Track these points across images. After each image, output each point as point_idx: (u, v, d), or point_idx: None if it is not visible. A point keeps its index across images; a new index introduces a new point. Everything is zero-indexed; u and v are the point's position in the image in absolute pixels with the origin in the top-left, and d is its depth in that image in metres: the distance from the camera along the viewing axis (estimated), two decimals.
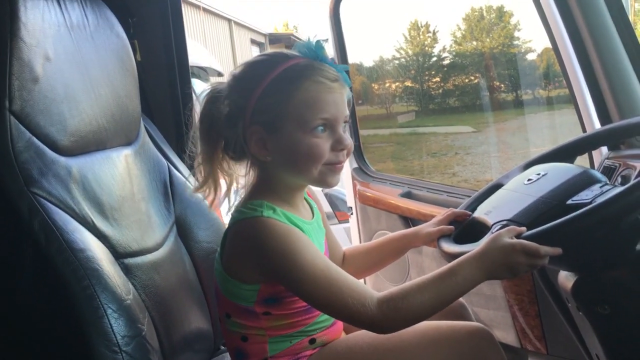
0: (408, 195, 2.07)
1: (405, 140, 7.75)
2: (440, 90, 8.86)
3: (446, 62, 8.98)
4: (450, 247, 1.17)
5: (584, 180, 1.07)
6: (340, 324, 1.20)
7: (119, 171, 1.21)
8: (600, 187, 1.04)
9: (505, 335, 1.81)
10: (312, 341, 1.13)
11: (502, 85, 9.16)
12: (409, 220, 2.04)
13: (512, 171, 1.34)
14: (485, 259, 1.00)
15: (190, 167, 1.33)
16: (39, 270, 0.93)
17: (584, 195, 1.02)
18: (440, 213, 1.32)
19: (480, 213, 1.21)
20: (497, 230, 1.10)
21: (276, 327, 1.10)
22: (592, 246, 1.00)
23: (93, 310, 0.92)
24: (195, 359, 1.29)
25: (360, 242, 2.27)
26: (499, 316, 1.82)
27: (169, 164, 1.43)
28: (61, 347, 0.93)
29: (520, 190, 1.16)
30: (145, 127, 1.43)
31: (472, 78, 8.78)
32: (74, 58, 1.13)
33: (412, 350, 1.09)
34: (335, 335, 1.18)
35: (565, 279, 1.16)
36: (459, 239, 1.22)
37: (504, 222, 1.10)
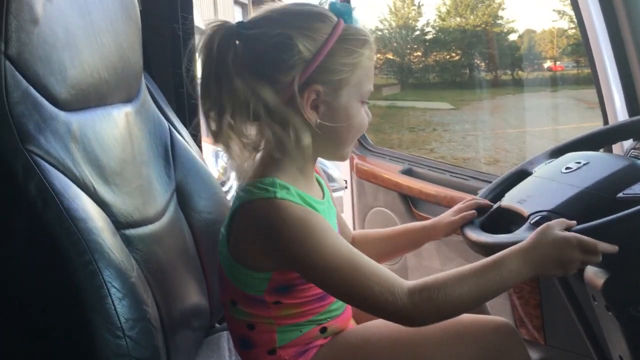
0: (409, 172, 1.98)
1: (384, 113, 7.69)
2: (421, 65, 8.79)
3: (429, 36, 8.90)
4: (480, 236, 1.08)
5: (635, 173, 0.99)
6: (349, 311, 1.11)
7: (120, 131, 1.08)
8: None
9: None
10: (323, 330, 1.04)
11: (482, 64, 9.13)
12: (408, 199, 1.96)
13: (538, 157, 1.26)
14: (535, 253, 0.91)
15: None
16: (35, 242, 0.81)
17: (638, 189, 0.95)
18: (462, 201, 1.24)
19: (510, 201, 1.13)
20: (536, 220, 1.02)
21: (286, 316, 1.00)
22: None
23: (95, 289, 0.81)
24: (193, 337, 1.19)
25: (353, 217, 2.19)
26: (498, 303, 1.77)
27: (170, 126, 1.31)
28: (58, 330, 0.82)
29: (559, 179, 1.08)
30: (146, 84, 1.30)
31: (454, 55, 8.74)
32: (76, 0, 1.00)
33: (433, 344, 1.02)
34: (346, 323, 1.09)
35: (595, 275, 1.09)
36: (486, 228, 1.14)
37: (545, 214, 1.02)
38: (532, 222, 1.01)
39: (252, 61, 0.95)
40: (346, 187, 2.21)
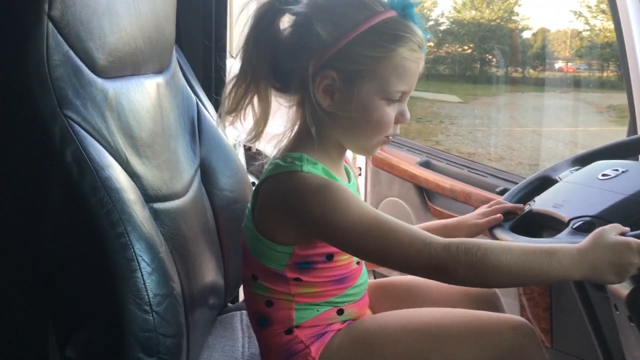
0: (426, 164, 1.97)
1: None
2: (432, 56, 8.72)
3: (442, 27, 8.83)
4: (517, 240, 1.06)
5: None
6: (366, 299, 1.10)
7: (151, 102, 1.06)
8: None
9: None
10: (340, 312, 1.04)
11: (494, 60, 9.08)
12: (423, 191, 1.95)
13: (561, 164, 1.25)
14: (592, 255, 0.88)
15: None
16: (68, 211, 0.80)
17: None
18: (487, 203, 1.22)
19: (544, 206, 1.12)
20: (578, 225, 1.01)
21: (304, 294, 1.00)
22: None
23: (126, 262, 0.80)
24: (208, 315, 1.19)
25: None
26: (507, 303, 1.76)
27: (197, 100, 1.29)
28: (87, 302, 0.80)
29: (597, 185, 1.07)
30: (176, 56, 1.28)
31: (466, 48, 8.68)
32: None
33: (450, 338, 1.01)
34: (363, 309, 1.09)
35: (620, 285, 1.08)
36: (517, 232, 1.12)
37: (587, 219, 1.01)
38: (574, 227, 1.00)
39: (287, 36, 0.97)
40: (360, 174, 2.20)
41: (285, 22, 0.98)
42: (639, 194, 0.99)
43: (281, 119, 1.02)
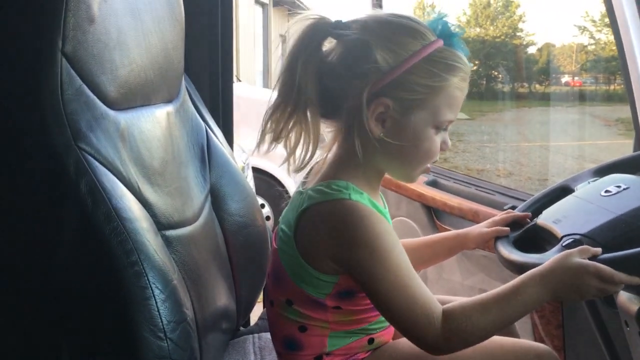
0: (433, 184, 1.98)
1: None
2: None
3: None
4: (511, 254, 1.08)
5: None
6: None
7: (162, 131, 1.09)
8: None
9: None
10: (371, 341, 1.04)
11: (500, 76, 9.11)
12: (431, 210, 1.96)
13: (582, 175, 1.26)
14: (553, 278, 0.92)
15: None
16: (82, 240, 0.82)
17: None
18: (498, 214, 1.24)
19: (547, 220, 1.13)
20: (567, 243, 1.02)
21: (341, 322, 1.00)
22: None
23: (140, 290, 0.81)
24: (221, 340, 1.20)
25: None
26: (519, 321, 1.76)
27: (206, 126, 1.32)
28: (102, 330, 0.82)
29: (597, 202, 1.08)
30: (184, 84, 1.31)
31: (471, 65, 8.71)
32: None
33: None
34: (389, 337, 1.10)
35: (629, 301, 1.08)
36: (519, 245, 1.14)
37: (577, 237, 1.02)
38: (563, 244, 1.01)
39: (335, 61, 0.96)
40: None
41: (327, 45, 0.97)
42: (628, 214, 0.99)
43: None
